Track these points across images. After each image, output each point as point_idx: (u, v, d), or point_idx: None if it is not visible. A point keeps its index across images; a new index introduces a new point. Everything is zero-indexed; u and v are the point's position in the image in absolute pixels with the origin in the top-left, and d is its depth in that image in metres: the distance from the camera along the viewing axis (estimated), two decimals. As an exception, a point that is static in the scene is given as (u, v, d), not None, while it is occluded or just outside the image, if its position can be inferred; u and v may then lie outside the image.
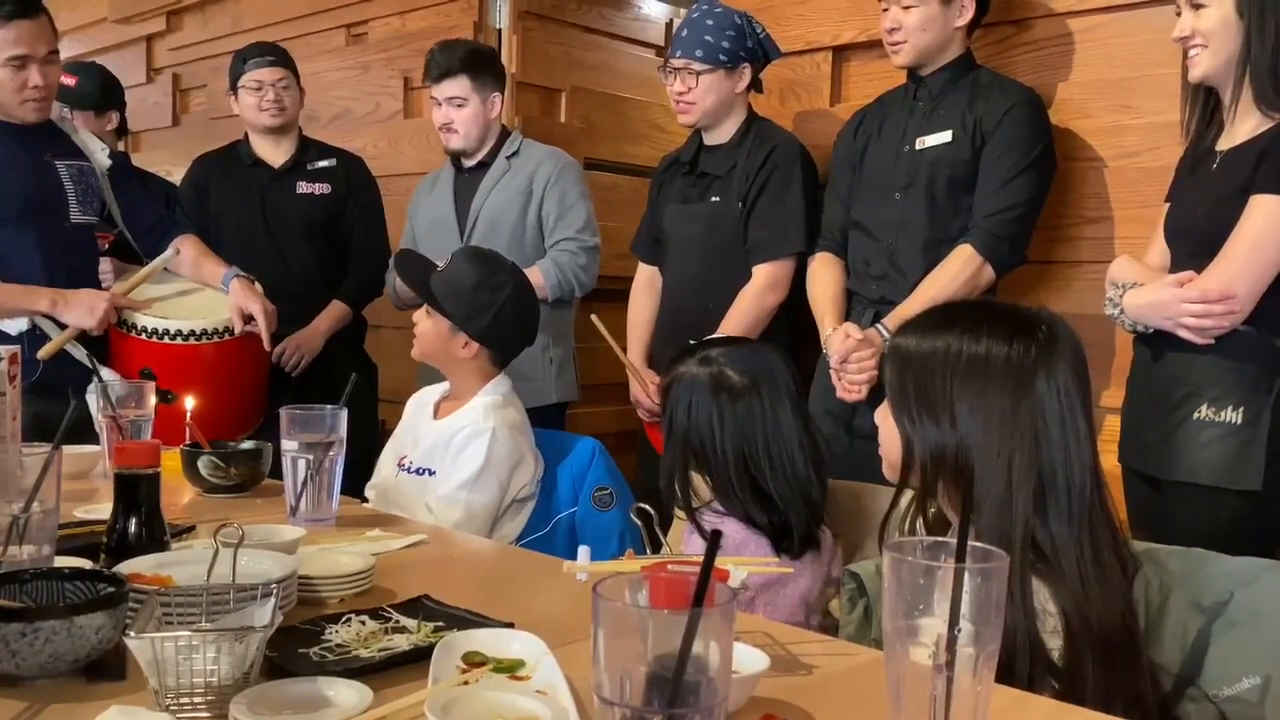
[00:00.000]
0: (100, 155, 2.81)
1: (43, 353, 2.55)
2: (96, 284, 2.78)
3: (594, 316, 2.59)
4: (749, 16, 2.68)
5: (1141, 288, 1.99)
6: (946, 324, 1.30)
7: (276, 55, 3.18)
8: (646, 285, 2.91)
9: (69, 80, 3.48)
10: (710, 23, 2.63)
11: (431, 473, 2.12)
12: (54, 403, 1.92)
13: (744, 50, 2.64)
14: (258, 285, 2.76)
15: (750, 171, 2.64)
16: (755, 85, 2.72)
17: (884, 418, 1.35)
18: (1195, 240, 1.96)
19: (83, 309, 2.57)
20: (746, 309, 2.60)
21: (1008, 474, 1.21)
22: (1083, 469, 1.23)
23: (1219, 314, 1.86)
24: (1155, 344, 2.00)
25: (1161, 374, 1.99)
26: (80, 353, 2.57)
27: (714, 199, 2.70)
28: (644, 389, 2.68)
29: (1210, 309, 1.86)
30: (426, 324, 2.17)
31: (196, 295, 2.79)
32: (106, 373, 2.51)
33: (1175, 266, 2.00)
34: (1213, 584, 1.29)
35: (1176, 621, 1.28)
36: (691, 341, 1.97)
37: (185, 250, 2.82)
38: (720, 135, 2.72)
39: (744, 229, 2.65)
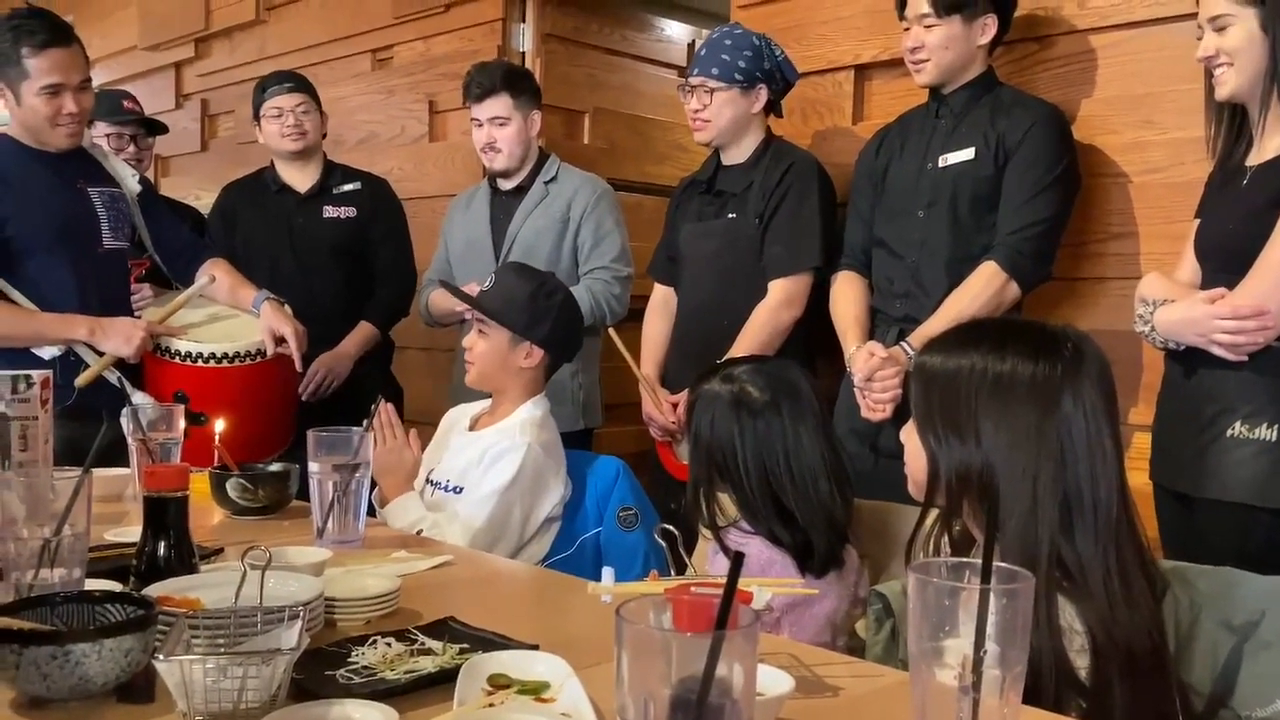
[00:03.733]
0: (130, 181, 2.85)
1: (80, 380, 2.57)
2: (129, 308, 2.82)
3: (610, 329, 2.60)
4: (768, 40, 2.69)
5: (1173, 304, 1.97)
6: (971, 342, 1.29)
7: (295, 82, 3.23)
8: (661, 305, 2.90)
9: (134, 106, 3.56)
10: (728, 43, 2.65)
11: (461, 490, 2.13)
12: (87, 426, 1.94)
13: (760, 71, 2.65)
14: (287, 307, 2.79)
15: (767, 188, 2.64)
16: (775, 109, 2.73)
17: (909, 436, 1.34)
18: (1227, 256, 1.95)
19: (120, 337, 2.60)
20: (761, 325, 2.59)
21: (1033, 492, 1.21)
22: (1109, 487, 1.22)
23: (1252, 330, 1.84)
24: (1187, 360, 1.98)
25: (1194, 390, 1.97)
26: (113, 376, 2.61)
27: (730, 216, 2.70)
28: (658, 406, 2.68)
29: (1243, 325, 1.84)
30: (482, 344, 2.19)
31: (229, 319, 2.82)
32: (139, 396, 2.54)
33: (1206, 283, 1.98)
34: (1244, 603, 1.28)
35: (1207, 641, 1.27)
36: (710, 359, 1.98)
37: (218, 276, 2.85)
38: (738, 155, 2.73)
39: (760, 246, 2.65)
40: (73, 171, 2.71)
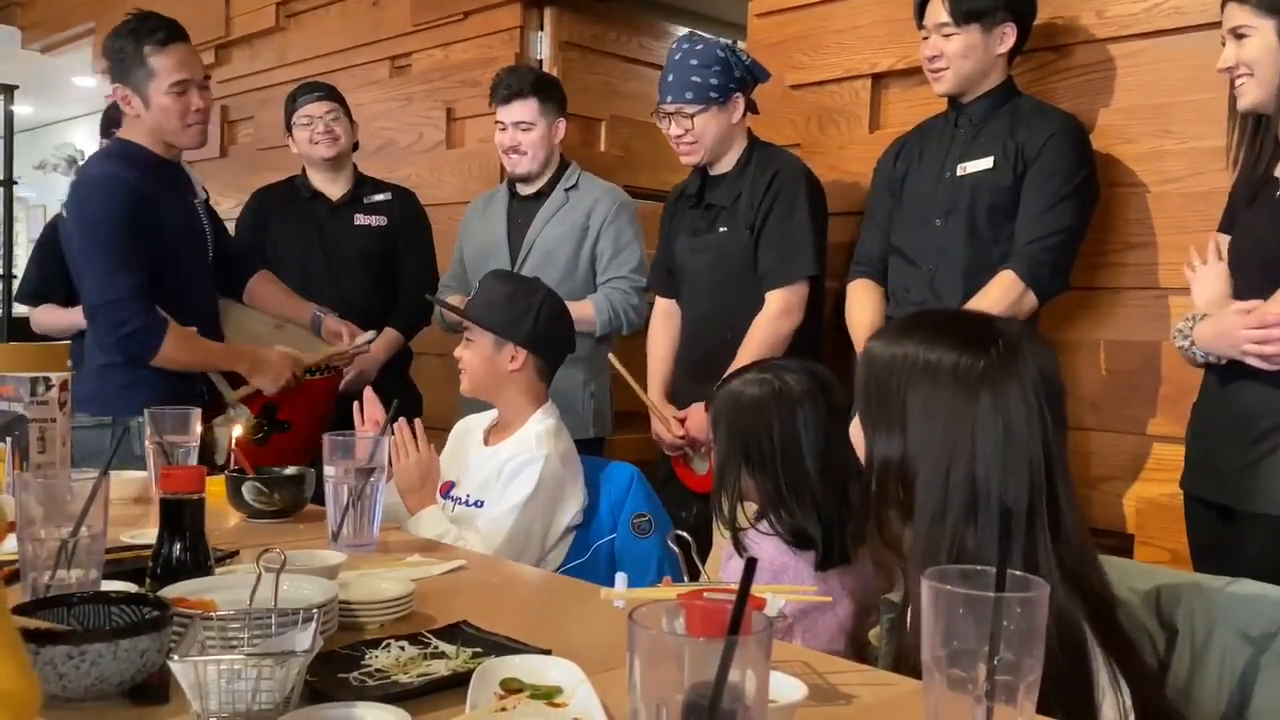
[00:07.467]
0: (201, 191, 2.86)
1: (231, 398, 2.62)
2: (218, 318, 2.81)
3: (611, 356, 2.61)
4: (731, 47, 2.65)
5: (1208, 318, 1.95)
6: (910, 330, 1.29)
7: (324, 91, 3.28)
8: (664, 318, 2.86)
9: None
10: (694, 62, 2.60)
11: (481, 504, 2.13)
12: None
13: (733, 81, 2.60)
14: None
15: (755, 199, 2.60)
16: (750, 106, 2.69)
17: (855, 429, 1.34)
18: (1261, 268, 1.93)
19: (269, 376, 2.61)
20: (762, 336, 2.56)
21: (945, 485, 1.20)
22: (1021, 486, 1.19)
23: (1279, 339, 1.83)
24: (1231, 374, 1.94)
25: (1242, 404, 1.93)
26: (220, 382, 2.63)
27: (722, 229, 2.66)
28: (665, 424, 2.67)
29: (1269, 334, 1.83)
30: (469, 352, 2.20)
31: (295, 334, 2.87)
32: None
33: (1242, 295, 1.96)
34: (1262, 613, 1.27)
35: (1222, 653, 1.26)
36: (715, 372, 1.98)
37: (270, 291, 2.89)
38: (724, 165, 2.68)
39: (754, 257, 2.61)
40: (184, 181, 2.70)
